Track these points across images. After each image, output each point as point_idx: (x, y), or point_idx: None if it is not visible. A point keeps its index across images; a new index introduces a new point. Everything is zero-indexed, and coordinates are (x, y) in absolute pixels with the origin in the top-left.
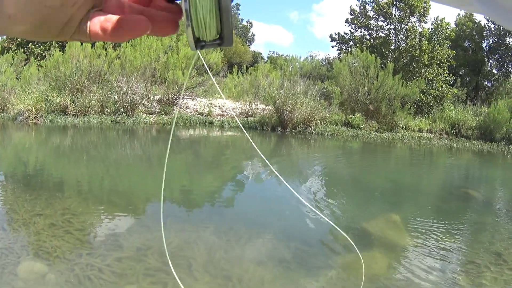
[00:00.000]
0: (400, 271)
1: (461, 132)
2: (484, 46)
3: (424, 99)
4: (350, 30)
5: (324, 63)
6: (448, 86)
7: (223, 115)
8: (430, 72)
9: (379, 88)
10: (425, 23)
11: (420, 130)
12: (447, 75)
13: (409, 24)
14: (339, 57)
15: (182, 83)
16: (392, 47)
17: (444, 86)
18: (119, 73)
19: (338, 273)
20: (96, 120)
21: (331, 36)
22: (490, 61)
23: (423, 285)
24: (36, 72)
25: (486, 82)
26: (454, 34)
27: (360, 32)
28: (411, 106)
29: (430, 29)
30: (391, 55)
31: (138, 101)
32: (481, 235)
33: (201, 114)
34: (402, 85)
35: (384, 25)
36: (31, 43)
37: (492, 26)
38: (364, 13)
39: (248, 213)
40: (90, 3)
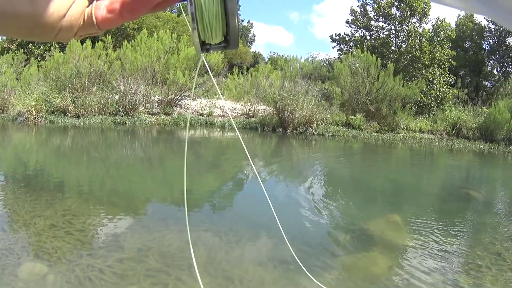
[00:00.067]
0: (401, 272)
1: (462, 133)
2: (485, 47)
3: (425, 100)
4: (351, 31)
5: (325, 64)
6: (449, 87)
7: (224, 116)
8: (431, 73)
9: (380, 89)
10: (426, 24)
11: (421, 131)
12: (448, 76)
13: (410, 25)
14: (340, 58)
15: (183, 84)
16: (393, 48)
17: (445, 87)
18: (120, 74)
19: (340, 274)
20: (97, 121)
21: (332, 37)
22: (491, 62)
23: (424, 286)
24: (36, 73)
25: (487, 83)
26: (455, 35)
27: (361, 33)
28: (412, 107)
29: (431, 30)
30: (392, 56)
31: (139, 102)
32: (482, 236)
33: (202, 115)
34: (403, 86)
35: (385, 26)
36: (31, 44)
37: (493, 27)
38: (365, 14)
39: (248, 214)
40: None
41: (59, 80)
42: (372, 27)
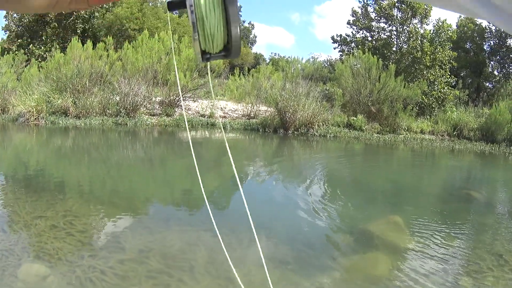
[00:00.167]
0: (402, 273)
1: (463, 134)
2: (486, 48)
3: (426, 101)
4: (352, 32)
5: (326, 65)
6: (450, 88)
7: (225, 117)
8: (432, 74)
9: (381, 90)
10: (427, 25)
11: (422, 132)
12: (449, 77)
13: (411, 26)
14: (341, 59)
15: (184, 85)
16: (394, 49)
17: (446, 88)
18: (121, 75)
19: (340, 275)
20: (98, 122)
21: (333, 38)
22: (491, 63)
23: (425, 287)
24: (37, 73)
25: (488, 84)
26: (456, 36)
27: (362, 34)
28: (413, 108)
29: (432, 31)
30: (393, 57)
31: (140, 103)
32: (483, 236)
33: (203, 116)
34: (404, 87)
35: (386, 27)
36: (32, 45)
37: (493, 28)
38: (366, 15)
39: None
40: None
41: (60, 81)
42: (373, 28)
